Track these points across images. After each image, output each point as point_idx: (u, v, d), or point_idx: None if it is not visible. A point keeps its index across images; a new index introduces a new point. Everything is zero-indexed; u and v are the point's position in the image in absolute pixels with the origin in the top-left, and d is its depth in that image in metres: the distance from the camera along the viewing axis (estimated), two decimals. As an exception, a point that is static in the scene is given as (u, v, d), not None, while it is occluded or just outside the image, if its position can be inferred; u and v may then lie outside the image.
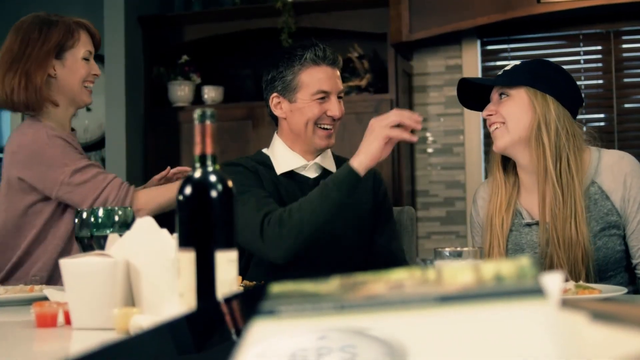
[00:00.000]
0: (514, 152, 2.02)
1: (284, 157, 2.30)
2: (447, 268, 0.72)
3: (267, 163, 2.31)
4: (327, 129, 2.25)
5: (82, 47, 2.45)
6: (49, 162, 2.35)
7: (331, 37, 4.23)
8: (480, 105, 2.11)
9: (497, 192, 2.08)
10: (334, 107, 2.23)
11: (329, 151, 2.36)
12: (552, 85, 1.98)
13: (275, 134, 2.36)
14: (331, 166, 2.33)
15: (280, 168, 2.28)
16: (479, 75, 4.37)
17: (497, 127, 2.01)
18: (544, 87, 1.97)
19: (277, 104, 2.28)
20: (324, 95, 2.23)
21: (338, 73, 2.28)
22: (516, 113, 1.98)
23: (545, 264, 1.96)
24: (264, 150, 2.38)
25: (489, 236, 2.06)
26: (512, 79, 2.01)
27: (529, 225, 2.04)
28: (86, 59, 2.47)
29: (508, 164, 2.11)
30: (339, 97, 2.27)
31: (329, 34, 4.26)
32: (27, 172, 2.37)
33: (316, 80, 2.23)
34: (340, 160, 2.37)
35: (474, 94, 2.13)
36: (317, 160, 2.31)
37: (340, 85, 2.28)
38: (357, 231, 2.28)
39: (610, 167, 1.96)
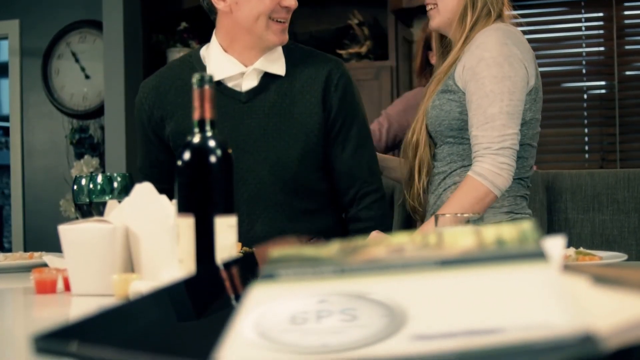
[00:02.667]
0: (446, 31, 2.11)
1: (217, 62, 2.01)
2: (448, 232, 0.71)
3: (195, 67, 2.03)
4: (282, 22, 1.95)
5: None
6: None
7: (331, 4, 4.19)
8: None
9: (436, 65, 2.21)
10: None
11: (278, 50, 2.03)
12: None
13: (214, 32, 2.07)
14: (279, 69, 2.02)
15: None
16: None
17: (431, 8, 2.09)
18: None
19: None
20: None
21: None
22: None
23: None
24: (202, 50, 2.09)
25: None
26: None
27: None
28: None
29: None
30: None
31: (329, 0, 4.23)
32: None
33: None
34: (301, 51, 2.09)
35: None
36: (259, 64, 2.00)
37: None
38: (303, 148, 2.00)
39: (477, 34, 2.01)
